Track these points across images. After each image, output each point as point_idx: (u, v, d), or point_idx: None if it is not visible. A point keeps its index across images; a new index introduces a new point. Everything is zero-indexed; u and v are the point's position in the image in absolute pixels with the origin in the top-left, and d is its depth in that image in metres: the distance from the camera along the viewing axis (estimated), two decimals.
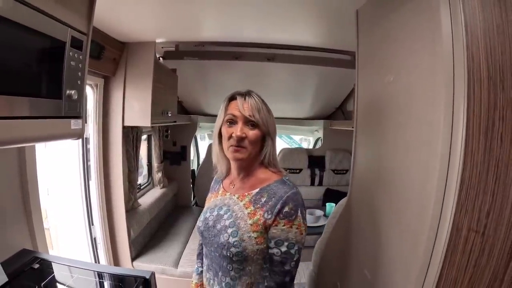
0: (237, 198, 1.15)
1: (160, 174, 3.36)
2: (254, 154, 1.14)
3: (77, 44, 1.06)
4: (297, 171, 3.94)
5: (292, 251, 1.04)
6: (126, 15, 1.77)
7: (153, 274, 1.33)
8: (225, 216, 1.12)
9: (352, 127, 2.66)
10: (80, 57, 1.10)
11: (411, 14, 1.13)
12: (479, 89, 0.83)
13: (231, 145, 1.11)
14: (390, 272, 1.19)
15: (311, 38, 2.32)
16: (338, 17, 1.78)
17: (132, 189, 2.60)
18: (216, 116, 1.22)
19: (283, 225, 1.03)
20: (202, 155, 5.41)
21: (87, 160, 2.22)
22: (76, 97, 1.08)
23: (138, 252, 2.45)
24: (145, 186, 3.28)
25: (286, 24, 1.95)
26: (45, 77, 0.93)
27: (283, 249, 1.03)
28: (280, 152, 3.96)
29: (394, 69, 1.26)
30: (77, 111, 1.11)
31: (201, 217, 1.23)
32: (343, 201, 1.80)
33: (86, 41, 1.12)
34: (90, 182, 2.22)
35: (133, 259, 2.35)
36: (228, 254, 1.06)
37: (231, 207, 1.14)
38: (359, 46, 1.64)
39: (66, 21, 0.99)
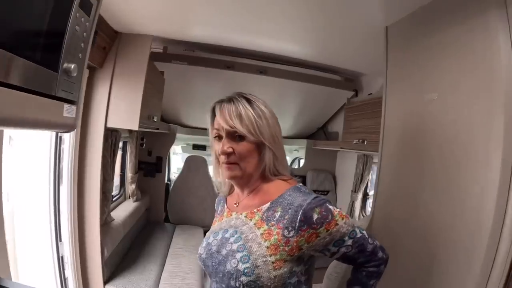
0: (245, 217, 0.96)
1: (133, 186, 3.03)
2: (252, 168, 0.97)
3: (86, 7, 0.85)
4: None
5: (359, 235, 0.92)
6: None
7: None
8: (232, 239, 0.93)
9: (341, 148, 2.62)
10: (87, 24, 0.89)
11: (462, 34, 1.10)
12: None
13: (223, 163, 0.95)
14: None
15: (306, 50, 2.33)
16: (348, 34, 1.80)
17: (106, 201, 2.28)
18: (195, 128, 1.05)
19: (327, 231, 0.86)
20: (173, 169, 5.12)
21: (59, 162, 1.89)
22: (75, 74, 0.83)
23: (110, 273, 2.11)
24: (117, 198, 2.92)
25: (284, 31, 1.92)
26: (43, 36, 0.70)
27: (349, 242, 0.91)
28: None
29: (438, 87, 1.20)
30: (72, 94, 0.86)
31: (203, 243, 1.03)
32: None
33: (95, 8, 0.92)
34: (61, 187, 1.89)
35: (105, 282, 2.01)
36: (237, 285, 0.85)
37: (238, 228, 0.94)
38: (389, 64, 1.58)
39: None
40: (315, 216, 0.84)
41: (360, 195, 3.13)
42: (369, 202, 3.21)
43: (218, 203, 1.16)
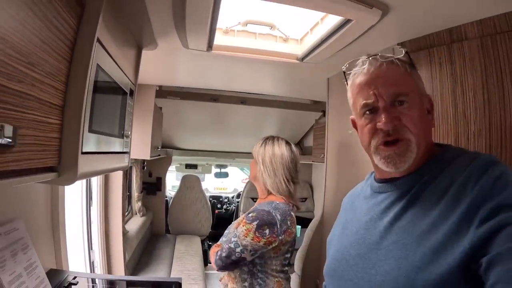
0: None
1: (140, 203, 3.56)
2: (253, 177, 1.57)
3: (131, 93, 1.39)
4: None
5: (232, 245, 1.34)
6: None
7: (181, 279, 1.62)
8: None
9: (312, 161, 3.25)
10: (131, 103, 1.44)
11: None
12: None
13: None
14: None
15: (279, 89, 2.92)
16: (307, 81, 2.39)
17: (122, 216, 2.81)
18: (187, 150, 1.73)
19: (241, 221, 1.40)
20: (168, 187, 5.61)
21: (90, 186, 2.43)
22: (129, 135, 1.43)
23: (130, 274, 2.64)
24: (127, 214, 3.45)
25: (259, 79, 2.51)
26: (117, 121, 1.22)
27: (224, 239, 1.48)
28: (247, 183, 4.37)
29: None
30: (128, 148, 1.43)
31: None
32: (313, 222, 2.29)
33: (135, 90, 1.47)
34: (91, 207, 2.42)
35: None
36: None
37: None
38: (329, 103, 2.21)
39: (128, 75, 1.28)
40: (250, 213, 1.41)
41: None
42: None
43: None
